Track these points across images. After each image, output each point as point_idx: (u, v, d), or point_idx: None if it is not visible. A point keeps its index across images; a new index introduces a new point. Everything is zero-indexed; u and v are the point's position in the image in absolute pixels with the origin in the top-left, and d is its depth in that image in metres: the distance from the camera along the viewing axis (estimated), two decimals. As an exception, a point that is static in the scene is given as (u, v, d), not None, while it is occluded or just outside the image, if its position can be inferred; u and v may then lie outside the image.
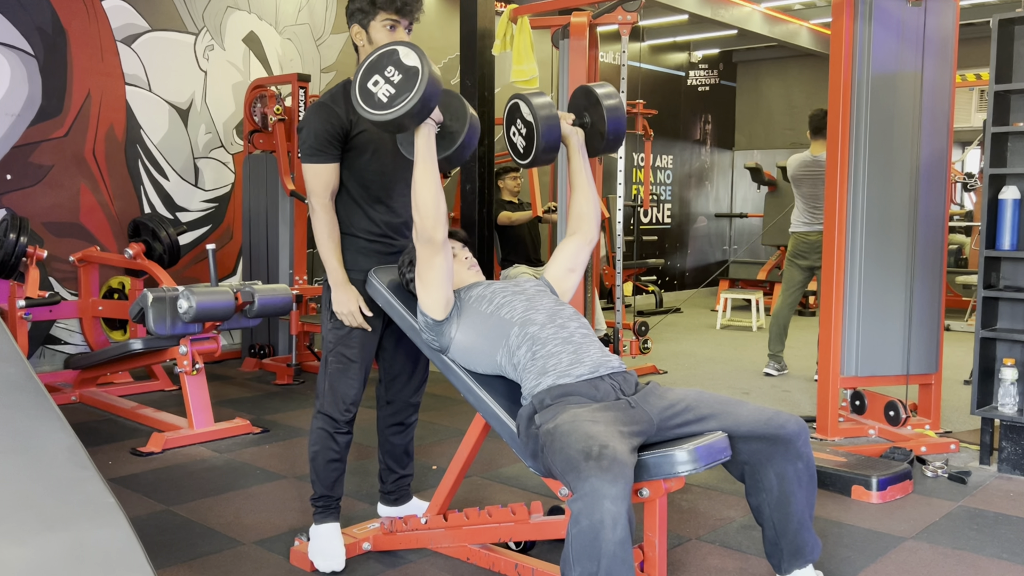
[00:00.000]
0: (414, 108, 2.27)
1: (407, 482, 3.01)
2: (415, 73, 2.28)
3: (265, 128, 5.86)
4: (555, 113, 2.55)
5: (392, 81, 2.30)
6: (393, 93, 2.30)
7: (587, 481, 1.86)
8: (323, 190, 2.64)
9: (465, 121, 2.48)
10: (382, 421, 2.96)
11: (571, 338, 2.39)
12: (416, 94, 2.27)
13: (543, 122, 2.52)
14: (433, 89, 2.29)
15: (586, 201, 2.67)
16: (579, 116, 2.67)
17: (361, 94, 2.34)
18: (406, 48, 2.32)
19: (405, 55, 2.31)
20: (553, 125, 2.54)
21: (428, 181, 2.37)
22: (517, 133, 2.62)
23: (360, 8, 2.64)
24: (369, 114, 2.32)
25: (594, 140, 2.66)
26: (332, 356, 2.72)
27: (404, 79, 2.29)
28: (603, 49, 9.20)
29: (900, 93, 4.01)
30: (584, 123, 2.66)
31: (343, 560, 2.68)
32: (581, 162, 2.64)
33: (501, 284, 2.55)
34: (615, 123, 2.61)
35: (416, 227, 2.41)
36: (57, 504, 1.26)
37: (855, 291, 4.05)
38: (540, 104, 2.54)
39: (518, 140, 2.63)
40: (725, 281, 9.41)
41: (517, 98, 2.60)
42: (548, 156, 2.58)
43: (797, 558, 2.31)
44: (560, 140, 2.59)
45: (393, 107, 2.29)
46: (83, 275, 5.30)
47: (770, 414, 2.26)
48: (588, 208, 2.67)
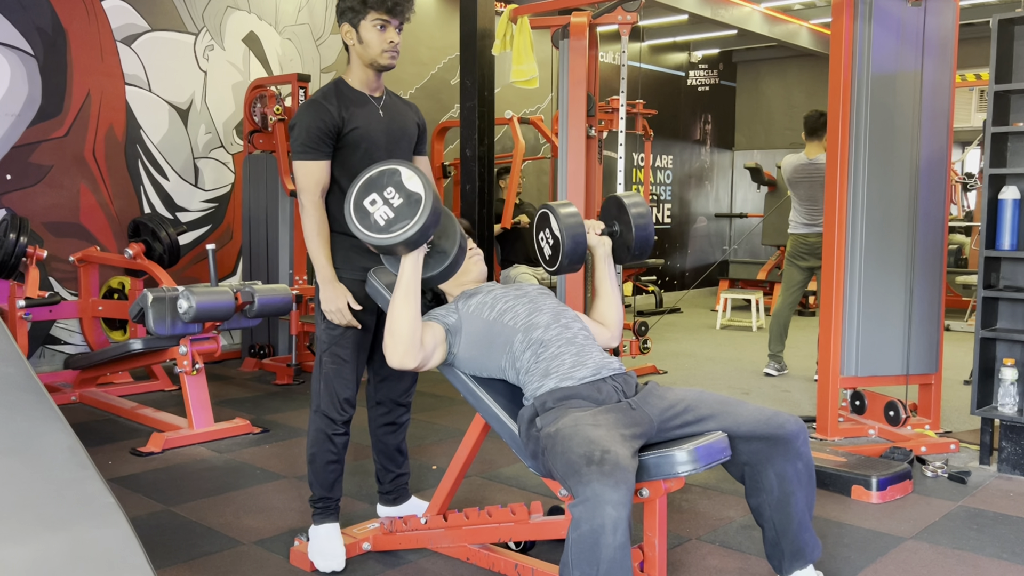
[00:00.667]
0: (412, 238, 2.22)
1: (404, 480, 3.01)
2: (417, 201, 2.23)
3: (265, 128, 5.85)
4: (582, 230, 2.55)
5: (391, 204, 2.25)
6: (391, 218, 2.24)
7: (589, 486, 1.86)
8: (314, 187, 2.63)
9: (455, 241, 2.40)
10: (374, 422, 2.95)
11: (574, 339, 2.40)
12: (416, 224, 2.21)
13: (569, 237, 2.52)
14: (434, 219, 2.23)
15: (609, 308, 2.67)
16: (608, 225, 2.68)
17: (356, 211, 2.28)
18: (409, 171, 2.28)
19: (408, 178, 2.26)
20: (579, 239, 2.54)
21: (408, 308, 2.31)
22: (545, 241, 2.64)
23: (350, 7, 2.63)
24: (362, 234, 2.26)
25: (620, 251, 2.66)
26: (327, 356, 2.72)
27: (405, 205, 2.24)
28: (603, 49, 9.20)
29: (900, 93, 4.01)
30: (613, 231, 2.66)
31: (343, 560, 2.67)
32: (606, 271, 2.64)
33: (502, 289, 2.55)
34: (642, 236, 2.60)
35: (387, 352, 2.34)
36: (57, 504, 1.26)
37: (855, 291, 4.05)
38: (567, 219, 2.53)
39: (546, 248, 2.64)
40: (725, 281, 9.40)
41: (546, 208, 2.60)
42: (573, 268, 2.59)
43: (798, 559, 2.31)
44: (585, 253, 2.59)
45: (390, 233, 2.23)
46: (83, 275, 5.30)
47: (769, 414, 2.26)
48: (612, 315, 2.67)
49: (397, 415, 2.95)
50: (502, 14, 5.13)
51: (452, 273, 2.44)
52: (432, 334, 2.41)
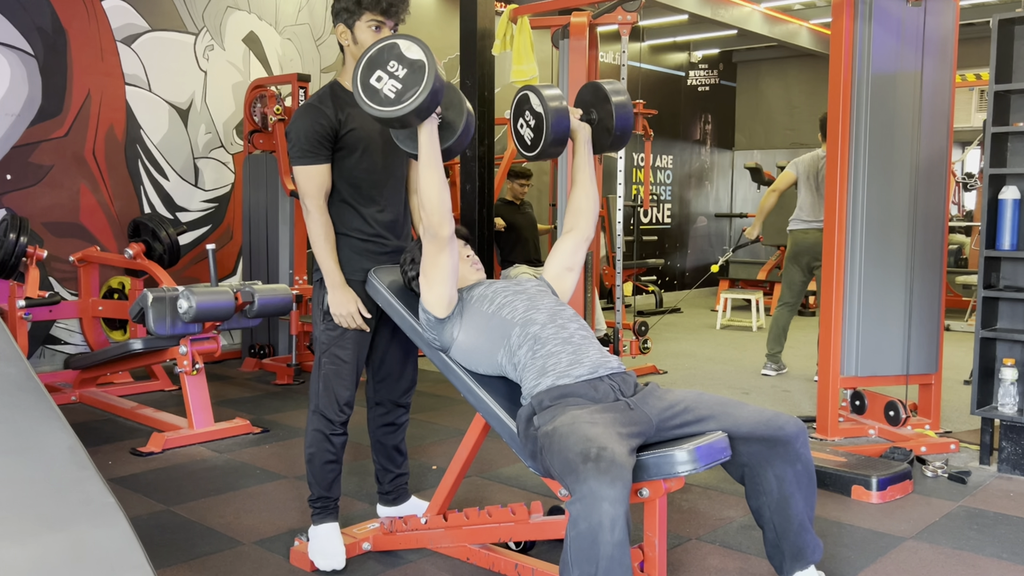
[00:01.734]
0: (423, 103, 2.24)
1: (404, 480, 3.01)
2: (421, 67, 2.25)
3: (265, 128, 5.85)
4: (565, 105, 2.53)
5: (396, 76, 2.26)
6: (400, 88, 2.26)
7: (585, 483, 1.86)
8: (317, 191, 2.63)
9: (463, 110, 2.45)
10: (372, 422, 2.95)
11: (571, 338, 2.39)
12: (424, 89, 2.23)
13: (553, 113, 2.49)
14: (440, 83, 2.26)
15: (586, 197, 2.66)
16: (586, 112, 2.66)
17: (364, 90, 2.29)
18: (407, 41, 2.29)
19: (407, 48, 2.28)
20: (563, 116, 2.51)
21: (433, 177, 2.36)
22: (525, 125, 2.60)
23: (345, 8, 2.62)
24: (375, 111, 2.27)
25: (601, 136, 2.64)
26: (326, 357, 2.72)
27: (410, 73, 2.25)
28: (603, 49, 9.20)
29: (900, 93, 4.01)
30: (591, 119, 2.64)
31: (343, 559, 2.68)
32: (585, 158, 2.63)
33: (502, 284, 2.55)
34: (623, 119, 2.59)
35: (423, 223, 2.40)
36: (57, 504, 1.26)
37: (855, 291, 4.05)
38: (551, 95, 2.51)
39: (526, 132, 2.60)
40: (725, 281, 9.41)
41: (527, 89, 2.58)
42: (556, 149, 2.55)
43: (798, 560, 2.31)
44: (569, 133, 2.57)
45: (402, 103, 2.25)
46: (83, 275, 5.30)
47: (769, 415, 2.26)
48: (588, 204, 2.67)
49: (396, 416, 2.95)
50: (502, 14, 5.14)
51: (465, 142, 2.47)
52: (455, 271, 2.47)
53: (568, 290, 2.66)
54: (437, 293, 2.44)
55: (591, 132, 2.64)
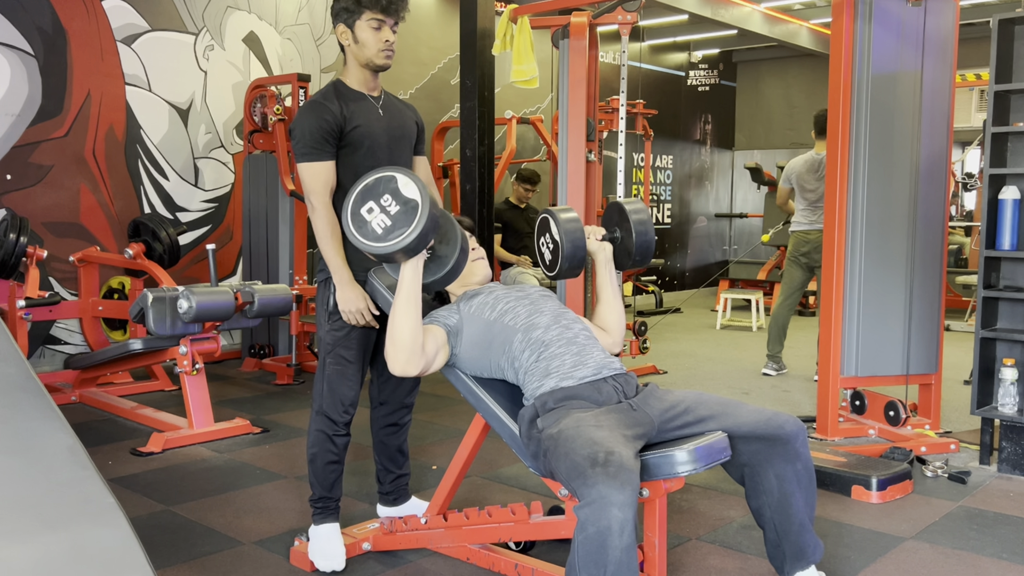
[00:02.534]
0: (410, 245, 2.21)
1: (405, 481, 3.01)
2: (414, 207, 2.22)
3: (265, 128, 5.86)
4: (581, 235, 2.55)
5: (388, 212, 2.24)
6: (388, 225, 2.23)
7: (594, 488, 1.85)
8: (322, 188, 2.62)
9: (456, 246, 2.39)
10: (376, 422, 2.95)
11: (575, 339, 2.40)
12: (414, 231, 2.20)
13: (568, 242, 2.52)
14: (432, 225, 2.23)
15: (610, 313, 2.66)
16: (610, 231, 2.68)
17: (353, 220, 2.28)
18: (405, 177, 2.27)
19: (404, 185, 2.26)
20: (578, 243, 2.54)
21: (408, 314, 2.30)
22: (545, 246, 2.65)
23: (345, 7, 2.62)
24: (360, 243, 2.26)
25: (621, 256, 2.67)
26: (330, 357, 2.71)
27: (402, 212, 2.23)
28: (603, 49, 9.20)
29: (900, 93, 4.01)
30: (614, 238, 2.67)
31: (343, 560, 2.67)
32: (607, 277, 2.64)
33: (504, 290, 2.55)
34: (643, 242, 2.60)
35: (389, 360, 2.34)
36: (57, 504, 1.26)
37: (855, 291, 4.05)
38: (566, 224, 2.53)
39: (546, 253, 2.65)
40: (725, 281, 9.41)
41: (547, 213, 2.61)
42: (572, 272, 2.59)
43: (799, 560, 2.31)
44: (584, 258, 2.59)
45: (388, 241, 2.22)
46: (83, 275, 5.30)
47: (769, 415, 2.27)
48: (613, 321, 2.66)
49: (400, 416, 2.95)
50: (502, 14, 5.13)
51: (453, 278, 2.43)
52: (433, 339, 2.41)
53: None
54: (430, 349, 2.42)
55: (612, 251, 2.65)
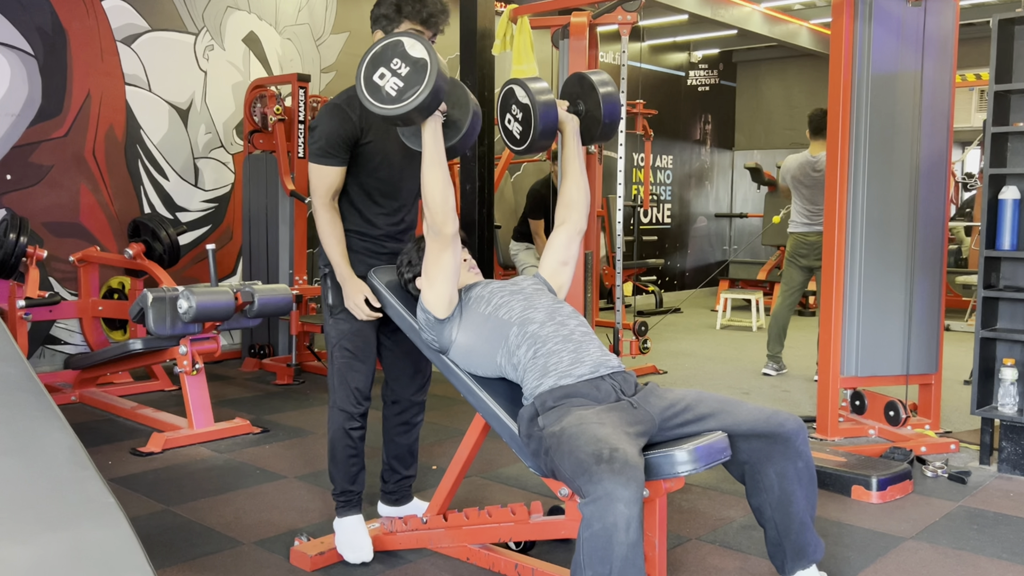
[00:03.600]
0: (424, 102, 2.24)
1: (409, 483, 3.02)
2: (423, 65, 2.25)
3: (265, 128, 5.85)
4: (552, 97, 2.52)
5: (399, 74, 2.27)
6: (401, 87, 2.26)
7: (600, 484, 1.85)
8: (325, 191, 2.65)
9: (468, 109, 2.45)
10: (387, 421, 2.96)
11: (571, 336, 2.39)
12: (426, 87, 2.23)
13: (540, 106, 2.48)
14: (442, 81, 2.26)
15: (577, 189, 2.66)
16: (573, 104, 2.65)
17: (367, 87, 2.30)
18: (411, 39, 2.29)
19: (411, 46, 2.28)
20: (551, 108, 2.50)
21: (436, 175, 2.36)
22: (513, 119, 2.60)
23: (385, 14, 2.62)
24: (377, 108, 2.28)
25: (590, 127, 2.64)
26: (337, 351, 2.75)
27: (412, 72, 2.25)
28: (603, 49, 9.20)
29: (900, 93, 4.01)
30: (579, 110, 2.64)
31: (371, 550, 2.71)
32: (575, 149, 2.63)
33: (499, 284, 2.55)
34: (611, 109, 2.59)
35: (426, 221, 2.40)
36: (57, 504, 1.26)
37: (855, 291, 4.05)
38: (537, 88, 2.50)
39: (514, 127, 2.60)
40: (725, 281, 9.41)
41: (512, 83, 2.57)
42: (544, 142, 2.54)
43: (800, 559, 2.31)
44: (556, 126, 2.56)
45: (402, 101, 2.25)
46: (83, 275, 5.30)
47: (769, 413, 2.27)
48: (579, 196, 2.66)
49: (411, 414, 2.95)
50: (502, 14, 5.14)
51: (470, 141, 2.47)
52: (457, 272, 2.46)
53: (565, 284, 2.65)
54: (438, 292, 2.44)
55: (579, 123, 2.64)
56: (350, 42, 7.18)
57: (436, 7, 2.61)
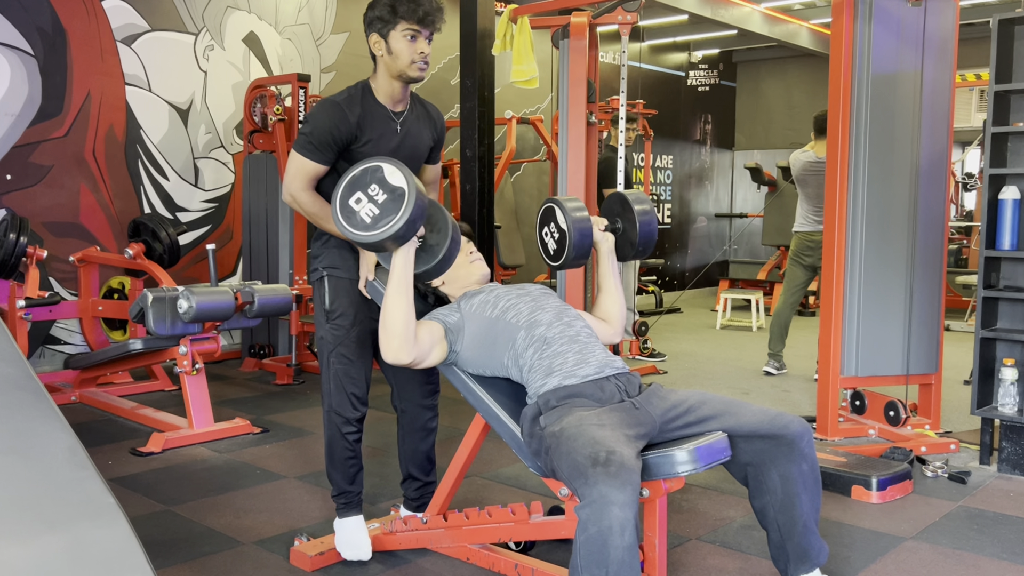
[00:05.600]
0: (398, 232, 2.22)
1: (432, 489, 2.93)
2: (401, 195, 2.23)
3: (265, 128, 5.85)
4: (589, 224, 2.57)
5: (376, 201, 2.25)
6: (377, 214, 2.24)
7: (595, 487, 1.85)
8: (300, 183, 2.60)
9: (447, 235, 2.40)
10: (403, 429, 2.92)
11: (577, 337, 2.40)
12: (401, 218, 2.21)
13: (576, 231, 2.53)
14: (419, 212, 2.24)
15: (613, 304, 2.68)
16: (611, 222, 2.69)
17: (342, 211, 2.28)
18: (391, 166, 2.28)
19: (390, 174, 2.26)
20: (586, 233, 2.55)
21: (400, 303, 2.32)
22: (549, 236, 2.65)
23: (380, 16, 2.57)
24: (350, 233, 2.27)
25: (624, 248, 2.69)
26: (334, 356, 2.72)
27: (389, 200, 2.24)
28: (603, 49, 9.20)
29: (900, 93, 4.01)
30: (616, 228, 2.68)
31: (370, 549, 2.71)
32: (609, 268, 2.66)
33: (504, 288, 2.55)
34: (646, 230, 2.62)
35: (381, 347, 2.34)
36: (57, 504, 1.26)
37: (855, 291, 4.05)
38: (576, 217, 2.54)
39: (550, 243, 2.65)
40: (725, 281, 9.41)
41: (552, 203, 2.61)
42: (578, 262, 2.60)
43: (803, 562, 2.29)
44: (591, 247, 2.60)
45: (376, 229, 2.23)
46: (83, 275, 5.30)
47: (774, 414, 2.26)
48: (615, 311, 2.68)
49: (424, 420, 2.91)
50: (502, 14, 5.13)
51: (446, 267, 2.43)
52: (429, 332, 2.41)
53: None
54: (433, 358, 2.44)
55: (615, 241, 2.68)
56: (350, 42, 7.18)
57: (431, 5, 2.57)
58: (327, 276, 2.72)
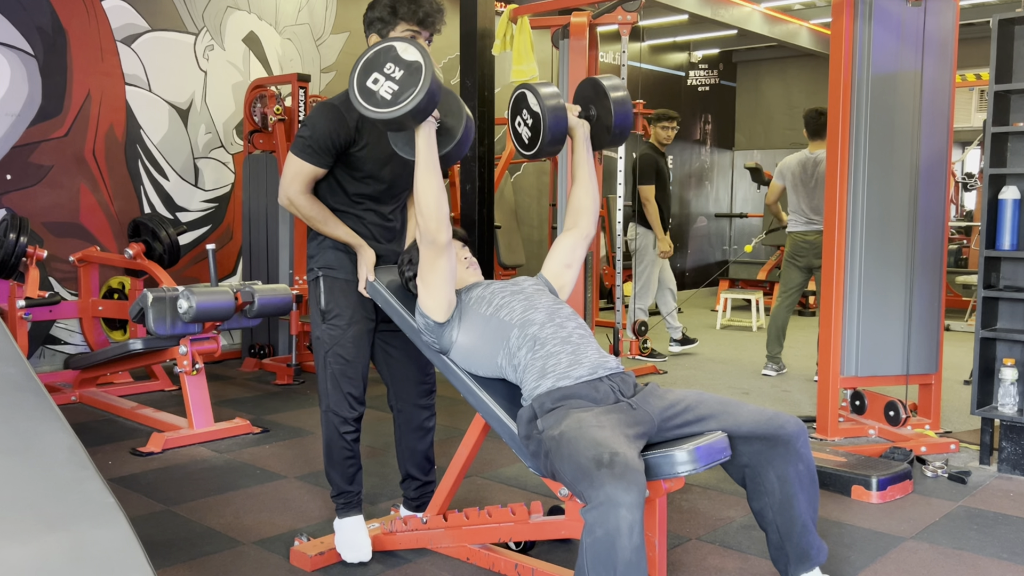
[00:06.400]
0: (420, 104, 2.23)
1: (431, 489, 2.93)
2: (418, 68, 2.24)
3: (265, 128, 5.85)
4: (563, 104, 2.51)
5: (393, 78, 2.25)
6: (396, 90, 2.25)
7: (601, 489, 1.84)
8: (298, 186, 2.60)
9: (462, 117, 2.44)
10: (400, 429, 2.92)
11: (569, 338, 2.39)
12: (421, 90, 2.22)
13: (550, 112, 2.47)
14: (437, 84, 2.25)
15: (586, 195, 2.66)
16: (585, 109, 2.64)
17: (361, 92, 2.28)
18: (404, 43, 2.28)
19: (404, 50, 2.27)
20: (560, 116, 2.50)
21: (430, 182, 2.34)
22: (522, 123, 2.59)
23: (380, 17, 2.58)
24: (371, 112, 2.26)
25: (600, 133, 2.63)
26: (331, 356, 2.72)
27: (406, 75, 2.24)
28: (603, 49, 9.20)
29: (900, 93, 4.01)
30: (590, 115, 2.63)
31: (370, 550, 2.70)
32: (585, 155, 2.62)
33: (499, 285, 2.55)
34: (622, 116, 2.58)
35: (419, 228, 2.38)
36: (57, 504, 1.26)
37: (855, 291, 4.05)
38: (548, 94, 2.49)
39: (523, 131, 2.59)
40: (725, 281, 9.41)
41: (524, 88, 2.56)
42: (554, 148, 2.54)
43: (803, 562, 2.29)
44: (567, 132, 2.55)
45: (398, 104, 2.24)
46: (83, 275, 5.30)
47: (770, 415, 2.26)
48: (588, 202, 2.66)
49: (421, 420, 2.90)
50: (502, 14, 5.14)
51: (463, 150, 2.45)
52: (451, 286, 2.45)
53: (567, 286, 2.65)
54: (436, 298, 2.44)
55: (590, 129, 2.63)
56: (350, 42, 7.18)
57: (432, 6, 2.58)
58: (323, 276, 2.72)
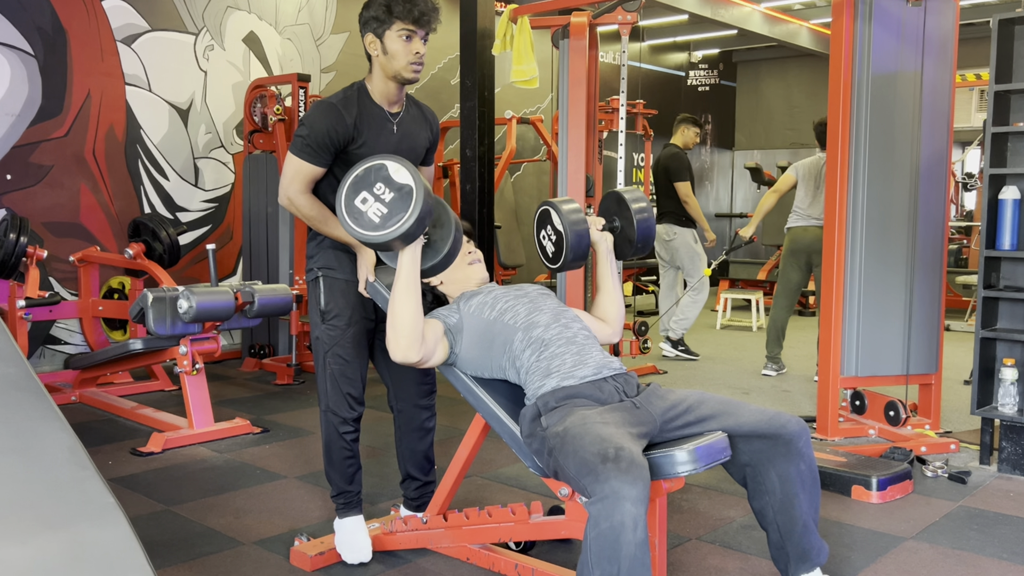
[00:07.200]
0: (409, 230, 2.20)
1: (431, 489, 2.93)
2: (408, 192, 2.21)
3: (265, 128, 5.86)
4: (585, 225, 2.56)
5: (383, 199, 2.23)
6: (385, 213, 2.22)
7: (606, 483, 1.85)
8: (298, 185, 2.60)
9: (450, 230, 2.40)
10: (400, 430, 2.92)
11: (574, 339, 2.39)
12: (411, 215, 2.19)
13: (572, 231, 2.53)
14: (427, 209, 2.22)
15: (611, 303, 2.68)
16: (609, 221, 2.69)
17: (349, 212, 2.26)
18: (396, 164, 2.26)
19: (395, 171, 2.25)
20: (582, 233, 2.55)
21: (409, 301, 2.31)
22: (547, 238, 2.64)
23: (375, 16, 2.56)
24: (358, 234, 2.24)
25: (622, 245, 2.68)
26: (330, 357, 2.72)
27: (396, 199, 2.22)
28: (603, 49, 9.20)
29: (900, 93, 4.01)
30: (613, 227, 2.67)
31: (370, 551, 2.70)
32: (608, 267, 2.65)
33: (503, 289, 2.55)
34: (644, 228, 2.62)
35: (390, 346, 2.34)
36: (57, 504, 1.26)
37: (855, 291, 4.05)
38: (571, 216, 2.54)
39: (548, 245, 2.64)
40: (725, 281, 9.41)
41: (548, 205, 2.61)
42: (577, 264, 2.60)
43: (804, 562, 2.29)
44: (588, 248, 2.60)
45: (387, 228, 2.21)
46: (83, 275, 5.30)
47: (771, 414, 2.26)
48: (614, 311, 2.68)
49: (421, 420, 2.90)
50: (502, 14, 5.13)
51: (449, 262, 2.44)
52: (433, 330, 2.42)
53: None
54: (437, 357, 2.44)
55: (613, 241, 2.67)
56: (350, 42, 7.18)
57: (427, 5, 2.57)
58: (322, 277, 2.72)
